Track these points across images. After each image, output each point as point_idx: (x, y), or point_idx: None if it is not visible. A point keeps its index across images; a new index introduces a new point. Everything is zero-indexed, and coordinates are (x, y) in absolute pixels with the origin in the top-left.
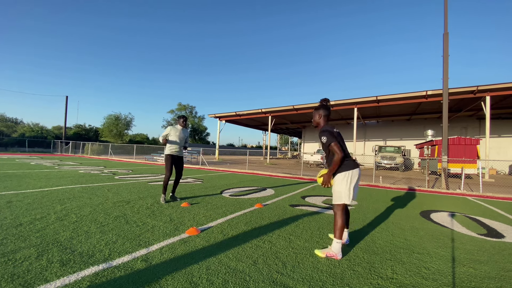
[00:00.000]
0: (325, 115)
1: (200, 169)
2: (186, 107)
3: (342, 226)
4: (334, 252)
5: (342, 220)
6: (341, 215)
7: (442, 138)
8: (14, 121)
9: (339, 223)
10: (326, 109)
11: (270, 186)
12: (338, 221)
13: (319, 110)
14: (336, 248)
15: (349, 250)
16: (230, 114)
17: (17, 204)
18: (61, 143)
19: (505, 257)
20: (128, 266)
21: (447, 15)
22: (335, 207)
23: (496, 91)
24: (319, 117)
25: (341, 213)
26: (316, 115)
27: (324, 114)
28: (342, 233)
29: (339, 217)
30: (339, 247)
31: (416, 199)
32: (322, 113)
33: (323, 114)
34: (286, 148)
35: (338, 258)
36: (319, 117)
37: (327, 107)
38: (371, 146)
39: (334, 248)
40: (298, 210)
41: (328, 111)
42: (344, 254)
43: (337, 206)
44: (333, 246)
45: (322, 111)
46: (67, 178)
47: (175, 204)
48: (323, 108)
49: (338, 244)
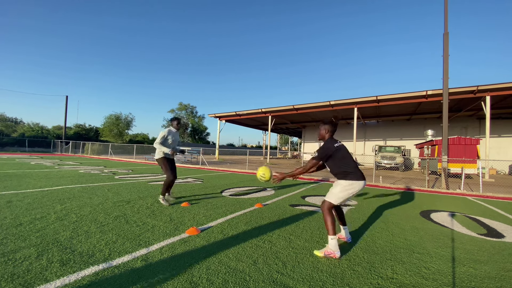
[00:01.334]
0: (331, 131)
1: (200, 169)
2: (187, 107)
3: (333, 222)
4: (331, 249)
5: (331, 217)
6: (329, 213)
7: (442, 138)
8: (14, 120)
9: (329, 220)
10: (333, 126)
11: (270, 186)
12: (327, 218)
13: (326, 125)
14: (332, 245)
15: (349, 250)
16: (230, 114)
17: (17, 204)
18: (61, 143)
19: (505, 257)
20: (128, 266)
21: (447, 15)
22: (324, 204)
23: (496, 91)
24: (325, 132)
25: (329, 211)
26: (322, 129)
27: (330, 130)
28: (334, 228)
29: (327, 214)
30: (335, 243)
31: (416, 199)
32: (328, 128)
33: (330, 130)
34: (286, 148)
35: (337, 256)
36: (325, 132)
37: (334, 124)
38: (371, 146)
39: (330, 245)
40: (298, 210)
41: (334, 127)
42: (344, 254)
43: (327, 203)
44: (329, 243)
45: (328, 127)
46: (67, 178)
47: (175, 204)
48: (330, 124)
49: (333, 240)
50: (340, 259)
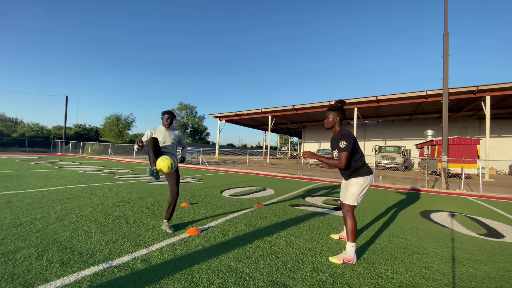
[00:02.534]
0: (342, 118)
1: (200, 169)
2: (187, 107)
3: (355, 227)
4: (350, 256)
5: (354, 221)
6: (353, 217)
7: (442, 138)
8: (14, 121)
9: (352, 226)
10: (343, 113)
11: (270, 186)
12: (351, 224)
13: (337, 111)
14: (352, 252)
15: None
16: (230, 114)
17: (17, 204)
18: (61, 143)
19: (505, 257)
20: (128, 266)
21: (447, 15)
22: (347, 207)
23: (496, 91)
24: (336, 119)
25: (352, 215)
26: (331, 116)
27: (341, 117)
28: (355, 235)
29: (351, 219)
30: (353, 251)
31: (416, 199)
32: (339, 115)
33: (340, 116)
34: (286, 148)
35: (354, 262)
36: (336, 119)
37: (344, 111)
38: (371, 146)
39: (349, 252)
40: (298, 210)
41: (344, 114)
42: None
43: (350, 206)
44: (348, 250)
45: (339, 113)
46: (67, 178)
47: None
48: (341, 110)
49: (353, 247)
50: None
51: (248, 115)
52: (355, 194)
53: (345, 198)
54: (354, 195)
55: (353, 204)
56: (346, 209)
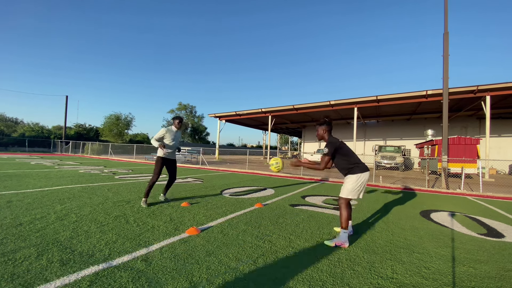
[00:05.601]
0: (329, 130)
1: (200, 169)
2: (187, 107)
3: (347, 217)
4: (341, 240)
5: (347, 211)
6: (346, 208)
7: (442, 138)
8: (14, 120)
9: (344, 215)
10: (329, 125)
11: (270, 186)
12: (343, 213)
13: (323, 125)
14: (344, 237)
15: (349, 249)
16: (230, 114)
17: (17, 203)
18: (61, 143)
19: (505, 257)
20: (128, 266)
21: (447, 15)
22: (342, 200)
23: (496, 91)
24: (324, 132)
25: (346, 206)
26: (320, 130)
27: (328, 129)
28: (347, 223)
29: (344, 209)
30: (346, 236)
31: (416, 199)
32: (326, 128)
33: (327, 129)
34: (286, 148)
35: (346, 246)
36: (323, 132)
37: (329, 123)
38: (371, 145)
39: (341, 237)
40: (298, 209)
41: (330, 126)
42: (344, 254)
43: (344, 199)
44: (340, 235)
45: (326, 126)
46: (67, 177)
47: (175, 204)
48: (326, 124)
49: (345, 234)
50: (347, 247)
51: (248, 114)
52: (349, 189)
53: (341, 191)
54: (347, 189)
55: (346, 197)
56: (341, 201)
